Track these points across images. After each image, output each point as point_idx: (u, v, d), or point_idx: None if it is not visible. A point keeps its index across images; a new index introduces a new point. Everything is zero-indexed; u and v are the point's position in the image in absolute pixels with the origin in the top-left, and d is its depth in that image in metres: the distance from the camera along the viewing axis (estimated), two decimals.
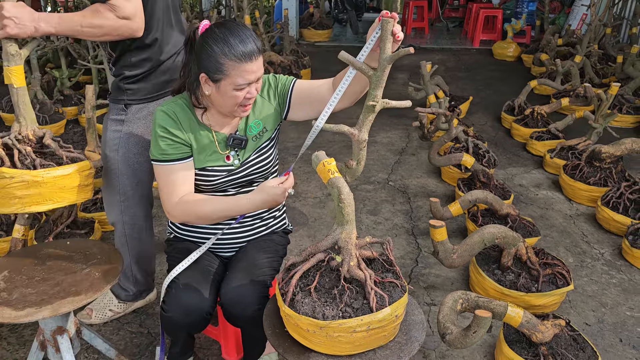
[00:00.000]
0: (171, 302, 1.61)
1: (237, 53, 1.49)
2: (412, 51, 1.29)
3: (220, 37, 1.51)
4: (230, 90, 1.54)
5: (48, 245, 1.88)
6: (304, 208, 3.37)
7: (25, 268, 1.72)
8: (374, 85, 1.32)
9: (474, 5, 8.79)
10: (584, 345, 2.01)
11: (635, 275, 2.71)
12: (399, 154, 4.30)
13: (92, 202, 3.13)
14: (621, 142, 3.29)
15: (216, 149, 1.69)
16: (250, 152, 1.73)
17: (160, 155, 1.63)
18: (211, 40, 1.51)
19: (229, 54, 1.49)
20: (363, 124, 1.38)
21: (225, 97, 1.56)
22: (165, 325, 1.68)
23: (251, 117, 1.74)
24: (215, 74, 1.53)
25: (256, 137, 1.74)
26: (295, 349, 1.39)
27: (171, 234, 1.94)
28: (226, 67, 1.50)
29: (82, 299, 1.56)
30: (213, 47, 1.50)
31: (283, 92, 1.74)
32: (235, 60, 1.50)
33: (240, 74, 1.52)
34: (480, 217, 2.94)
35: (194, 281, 1.64)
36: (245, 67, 1.51)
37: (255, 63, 1.53)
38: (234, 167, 1.71)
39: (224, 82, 1.53)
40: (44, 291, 1.60)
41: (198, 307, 1.60)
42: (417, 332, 1.46)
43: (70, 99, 5.07)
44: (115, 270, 1.71)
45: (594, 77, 5.47)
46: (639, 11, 6.24)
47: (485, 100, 5.66)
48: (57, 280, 1.65)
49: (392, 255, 1.49)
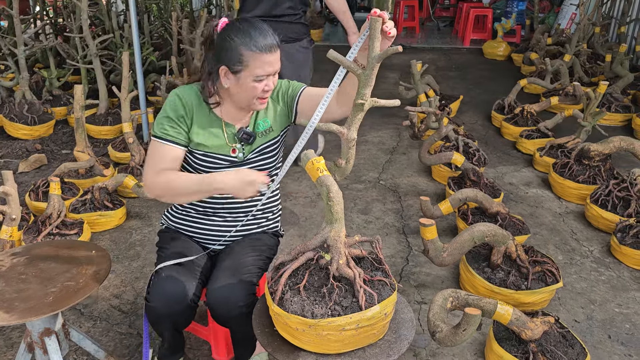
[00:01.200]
0: (155, 292, 1.64)
1: (258, 44, 1.56)
2: (400, 50, 1.28)
3: (242, 29, 1.58)
4: (250, 81, 1.60)
5: (36, 246, 1.86)
6: (295, 208, 3.37)
7: (13, 269, 1.70)
8: (363, 84, 1.32)
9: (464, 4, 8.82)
10: (573, 342, 2.02)
11: (623, 272, 2.73)
12: (390, 153, 4.30)
13: (81, 203, 3.11)
14: (609, 141, 3.32)
15: (224, 141, 1.73)
16: (255, 147, 1.77)
17: (161, 132, 1.67)
18: (233, 33, 1.58)
19: (250, 45, 1.56)
20: (352, 123, 1.38)
21: (244, 88, 1.62)
22: (150, 317, 1.69)
23: (261, 114, 1.79)
24: (235, 65, 1.58)
25: (262, 133, 1.78)
26: (284, 348, 1.39)
27: (163, 225, 1.96)
28: (246, 58, 1.57)
29: (70, 300, 1.55)
30: (234, 39, 1.57)
31: (291, 97, 1.78)
32: (256, 51, 1.56)
33: (260, 65, 1.58)
34: (470, 216, 2.95)
35: (178, 272, 1.67)
36: (264, 59, 1.58)
37: (273, 55, 1.60)
38: (238, 160, 1.75)
39: (244, 73, 1.59)
40: (32, 292, 1.58)
41: (181, 296, 1.63)
42: (407, 330, 1.47)
43: (59, 99, 5.03)
44: (104, 271, 1.70)
45: (583, 76, 5.51)
46: (627, 10, 6.29)
47: (475, 99, 5.68)
48: (45, 282, 1.63)
49: (381, 253, 1.49)
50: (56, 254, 1.79)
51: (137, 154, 3.63)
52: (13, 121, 4.35)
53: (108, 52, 5.21)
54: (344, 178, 1.47)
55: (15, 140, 4.39)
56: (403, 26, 9.47)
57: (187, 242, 1.84)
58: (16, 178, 3.67)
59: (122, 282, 2.63)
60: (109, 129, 4.54)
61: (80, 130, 3.49)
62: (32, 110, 4.49)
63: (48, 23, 6.55)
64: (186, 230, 1.89)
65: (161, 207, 3.33)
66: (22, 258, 1.77)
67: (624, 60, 5.17)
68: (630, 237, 2.77)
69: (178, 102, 1.69)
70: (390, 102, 1.36)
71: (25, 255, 1.78)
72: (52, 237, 2.77)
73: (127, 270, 2.72)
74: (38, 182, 3.30)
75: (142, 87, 4.11)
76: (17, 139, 4.40)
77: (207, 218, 1.85)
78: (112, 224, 3.13)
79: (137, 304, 2.46)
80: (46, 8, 6.94)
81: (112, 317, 2.37)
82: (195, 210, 1.85)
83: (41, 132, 4.48)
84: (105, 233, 3.10)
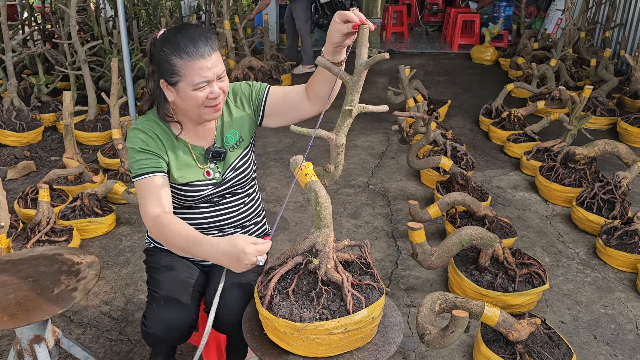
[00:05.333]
0: (152, 317, 1.59)
1: (188, 51, 1.50)
2: (388, 56, 1.31)
3: (169, 39, 1.53)
4: (189, 91, 1.53)
5: (26, 253, 1.86)
6: (285, 212, 3.39)
7: (2, 276, 1.70)
8: (351, 90, 1.34)
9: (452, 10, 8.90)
10: (559, 343, 2.05)
11: (609, 274, 2.77)
12: (379, 158, 4.33)
13: (70, 210, 3.10)
14: (594, 144, 3.37)
15: (195, 163, 1.68)
16: (230, 163, 1.72)
17: (140, 170, 1.59)
18: (163, 44, 1.53)
19: (179, 54, 1.50)
20: (340, 129, 1.39)
21: (186, 99, 1.55)
22: (147, 340, 1.65)
23: (227, 127, 1.73)
24: (171, 77, 1.53)
25: (233, 147, 1.73)
26: (273, 352, 1.40)
27: (150, 243, 1.91)
28: (179, 67, 1.51)
29: (59, 307, 1.56)
30: (164, 50, 1.52)
31: (257, 99, 1.73)
32: (187, 59, 1.50)
33: (195, 72, 1.51)
34: (458, 219, 2.98)
35: (174, 295, 1.63)
36: (198, 65, 1.50)
37: (208, 60, 1.52)
38: (217, 181, 1.70)
39: (182, 83, 1.53)
40: (21, 299, 1.58)
41: (180, 322, 1.59)
42: (395, 334, 1.48)
43: (48, 106, 5.01)
44: (94, 277, 1.70)
45: (569, 80, 5.58)
46: (612, 16, 6.39)
47: (463, 103, 5.73)
48: (35, 288, 1.64)
49: (369, 257, 1.51)
50: (45, 261, 1.79)
51: (126, 160, 3.63)
52: (1, 128, 4.33)
53: (97, 59, 5.21)
54: (333, 183, 1.48)
55: (3, 147, 4.37)
56: (392, 31, 9.54)
57: (176, 257, 1.79)
58: (5, 185, 3.65)
59: (112, 288, 2.63)
60: (98, 135, 4.53)
61: (69, 137, 3.49)
62: (21, 116, 4.47)
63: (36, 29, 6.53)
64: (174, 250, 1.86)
65: None
66: (11, 265, 1.76)
67: (608, 64, 5.24)
68: (615, 239, 2.81)
69: (143, 134, 1.61)
70: (379, 107, 1.37)
71: (14, 262, 1.78)
72: (42, 244, 2.76)
73: (117, 277, 2.72)
74: (27, 189, 3.29)
75: (131, 93, 4.12)
76: (6, 146, 4.37)
77: None
78: (101, 231, 3.13)
79: (127, 311, 2.46)
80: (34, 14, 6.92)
81: (102, 324, 2.36)
82: None
83: (30, 138, 4.47)
84: (95, 239, 3.09)
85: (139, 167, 1.60)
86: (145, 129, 1.63)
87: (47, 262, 1.79)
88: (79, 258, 1.81)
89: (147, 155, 1.60)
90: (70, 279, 1.69)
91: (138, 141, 1.61)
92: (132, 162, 1.61)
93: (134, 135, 1.62)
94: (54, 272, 1.73)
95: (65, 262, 1.79)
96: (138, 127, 1.63)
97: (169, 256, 1.80)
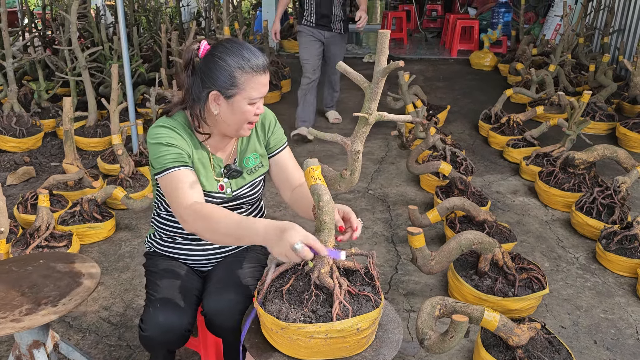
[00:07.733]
0: (149, 321, 1.58)
1: (252, 65, 1.50)
2: (402, 64, 1.32)
3: (233, 50, 1.52)
4: (244, 105, 1.54)
5: (25, 258, 1.86)
6: (285, 218, 3.39)
7: (1, 281, 1.70)
8: (368, 97, 1.33)
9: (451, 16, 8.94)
10: (559, 348, 2.05)
11: (608, 278, 2.77)
12: (379, 163, 4.34)
13: (70, 215, 3.10)
14: (593, 149, 3.38)
15: (212, 174, 1.68)
16: (243, 184, 1.72)
17: (170, 163, 1.54)
18: (224, 55, 1.51)
19: (244, 66, 1.50)
20: (357, 136, 1.39)
21: (237, 113, 1.55)
22: (144, 344, 1.64)
23: (250, 149, 1.73)
24: (229, 89, 1.52)
25: (252, 170, 1.74)
26: (262, 346, 1.41)
27: (150, 247, 1.89)
28: (241, 80, 1.51)
29: (58, 312, 1.55)
30: (227, 61, 1.50)
31: (273, 147, 1.77)
32: (251, 72, 1.51)
33: (255, 87, 1.52)
34: (458, 224, 2.98)
35: (171, 299, 1.62)
36: (258, 80, 1.52)
37: (265, 76, 1.55)
38: (226, 196, 1.70)
39: (239, 96, 1.53)
40: (20, 304, 1.58)
41: (177, 325, 1.58)
42: (388, 351, 1.42)
43: (48, 112, 5.02)
44: (93, 283, 1.70)
45: (568, 86, 5.60)
46: (610, 21, 6.42)
47: (463, 109, 5.74)
48: (34, 293, 1.63)
49: (373, 269, 1.47)
50: (45, 266, 1.79)
51: (126, 165, 3.63)
52: (1, 134, 4.34)
53: (97, 65, 5.22)
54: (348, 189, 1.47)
55: (3, 152, 4.37)
56: (391, 37, 9.58)
57: (175, 262, 1.80)
58: (4, 191, 3.65)
59: (111, 294, 2.63)
60: (98, 141, 4.54)
61: (69, 143, 3.50)
62: (21, 122, 4.48)
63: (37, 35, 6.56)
64: (174, 254, 1.83)
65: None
66: (11, 270, 1.76)
67: (607, 70, 5.26)
68: (615, 243, 2.82)
69: (168, 131, 1.57)
70: (400, 117, 1.36)
71: (13, 267, 1.78)
72: (41, 250, 2.76)
73: (117, 282, 2.72)
74: (27, 194, 3.29)
75: (131, 99, 4.13)
76: (6, 152, 4.38)
77: (195, 243, 1.79)
78: (101, 236, 3.13)
79: (127, 316, 2.45)
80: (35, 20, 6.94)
81: (101, 329, 2.36)
82: (183, 238, 1.79)
83: (30, 144, 4.47)
84: (94, 245, 3.09)
85: (166, 161, 1.54)
86: (172, 127, 1.60)
87: (46, 267, 1.79)
88: (78, 263, 1.81)
89: (175, 150, 1.56)
90: (69, 285, 1.68)
91: (164, 136, 1.57)
92: (158, 157, 1.55)
93: (159, 131, 1.58)
94: (53, 277, 1.73)
95: (65, 268, 1.78)
96: (164, 124, 1.60)
97: (168, 261, 1.80)
